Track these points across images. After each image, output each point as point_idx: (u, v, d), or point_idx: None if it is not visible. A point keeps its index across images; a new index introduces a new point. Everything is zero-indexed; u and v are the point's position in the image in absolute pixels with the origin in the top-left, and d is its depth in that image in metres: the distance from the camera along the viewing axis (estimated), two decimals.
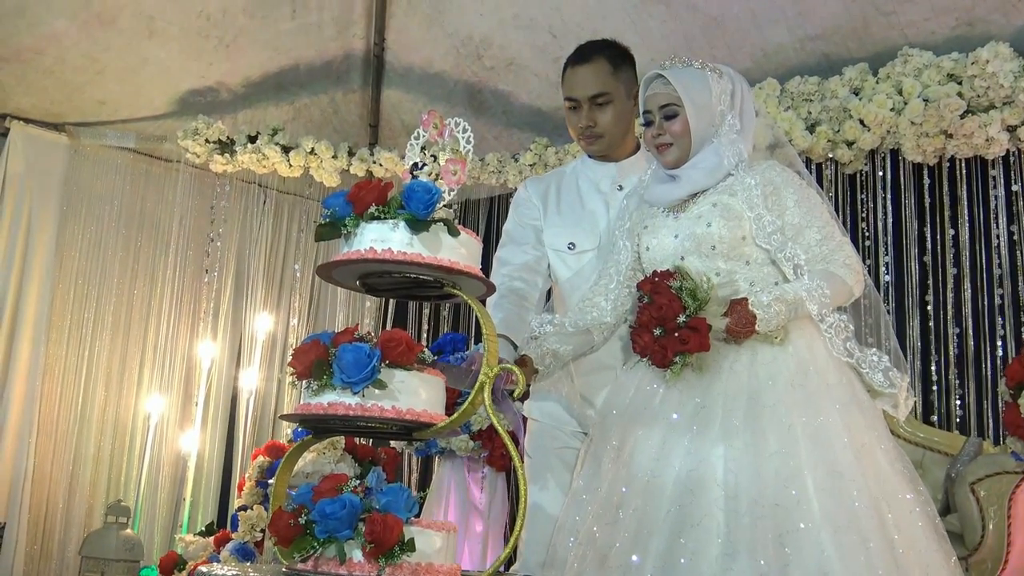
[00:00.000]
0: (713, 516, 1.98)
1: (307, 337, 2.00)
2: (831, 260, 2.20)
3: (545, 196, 2.74)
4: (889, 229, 4.18)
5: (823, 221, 2.24)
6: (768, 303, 2.11)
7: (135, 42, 5.02)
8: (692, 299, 2.09)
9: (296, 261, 6.23)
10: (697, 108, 2.27)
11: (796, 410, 2.05)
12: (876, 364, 2.19)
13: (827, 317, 2.15)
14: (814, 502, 1.94)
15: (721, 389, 2.13)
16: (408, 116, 5.81)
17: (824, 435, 2.02)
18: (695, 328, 2.06)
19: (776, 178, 2.24)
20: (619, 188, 2.66)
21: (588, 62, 2.65)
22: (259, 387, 5.86)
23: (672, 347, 2.07)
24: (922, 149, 3.98)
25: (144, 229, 5.67)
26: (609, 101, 2.62)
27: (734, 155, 2.27)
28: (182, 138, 5.40)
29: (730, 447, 2.03)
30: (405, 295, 2.28)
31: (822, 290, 2.15)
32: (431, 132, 2.14)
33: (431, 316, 6.10)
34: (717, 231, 2.21)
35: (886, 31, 4.14)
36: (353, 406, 1.87)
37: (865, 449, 2.03)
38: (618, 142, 2.69)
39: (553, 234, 2.68)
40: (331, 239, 2.03)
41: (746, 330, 2.11)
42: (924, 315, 4.06)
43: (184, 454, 5.57)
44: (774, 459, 1.99)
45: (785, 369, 2.13)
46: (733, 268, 2.23)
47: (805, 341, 2.17)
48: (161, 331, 5.62)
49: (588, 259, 2.63)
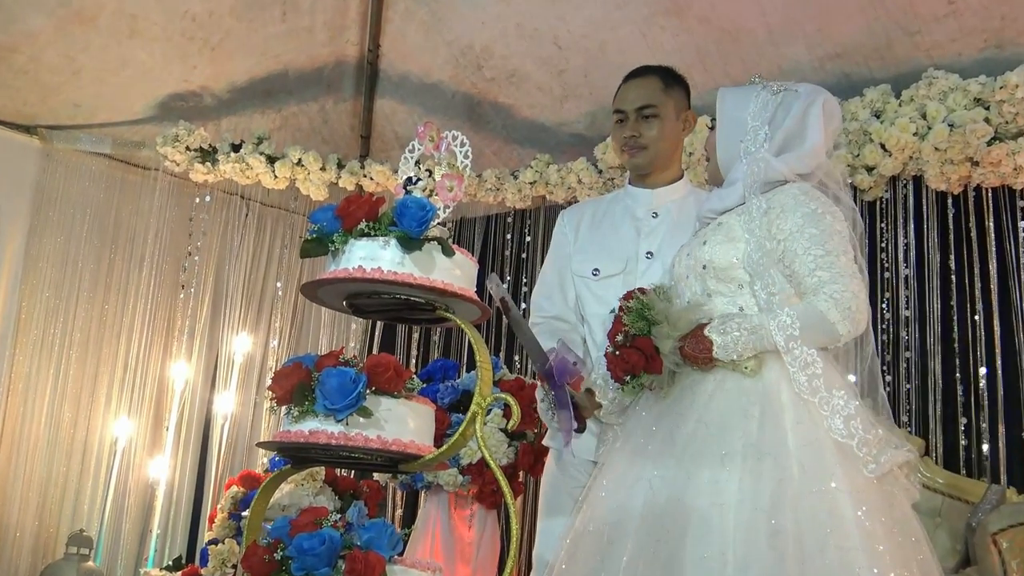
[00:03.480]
0: (623, 543, 2.01)
1: (288, 360, 2.01)
2: (818, 292, 2.16)
3: (579, 224, 2.89)
4: (911, 261, 4.18)
5: (823, 250, 2.18)
6: (726, 329, 2.14)
7: (115, 42, 5.04)
8: (637, 319, 2.17)
9: (278, 279, 6.23)
10: (726, 122, 2.38)
11: (742, 441, 2.05)
12: (839, 408, 2.08)
13: (794, 349, 2.12)
14: (728, 539, 1.94)
15: (676, 411, 2.18)
16: (402, 128, 5.83)
17: (766, 470, 2.01)
18: (639, 348, 2.16)
19: (788, 201, 2.24)
20: (654, 215, 2.77)
21: (640, 76, 2.81)
22: (235, 412, 5.83)
23: (619, 365, 2.19)
24: (946, 177, 4.00)
25: (118, 240, 5.66)
26: (656, 115, 2.74)
27: (751, 173, 2.29)
28: (161, 145, 5.40)
29: (661, 470, 2.07)
30: (394, 317, 2.29)
31: (791, 321, 2.13)
32: (427, 145, 2.16)
33: (421, 341, 6.08)
34: (709, 251, 2.28)
35: (910, 51, 4.16)
36: (336, 435, 1.88)
37: (821, 494, 1.98)
38: (661, 161, 2.78)
39: (579, 260, 2.80)
40: (317, 256, 2.04)
41: (702, 356, 2.15)
42: (948, 353, 4.04)
43: (152, 482, 5.54)
44: (697, 485, 2.01)
45: (745, 398, 2.13)
46: (722, 290, 2.27)
47: (777, 374, 2.16)
48: (132, 349, 5.60)
49: (613, 284, 2.70)
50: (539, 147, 5.43)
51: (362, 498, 4.34)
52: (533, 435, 4.01)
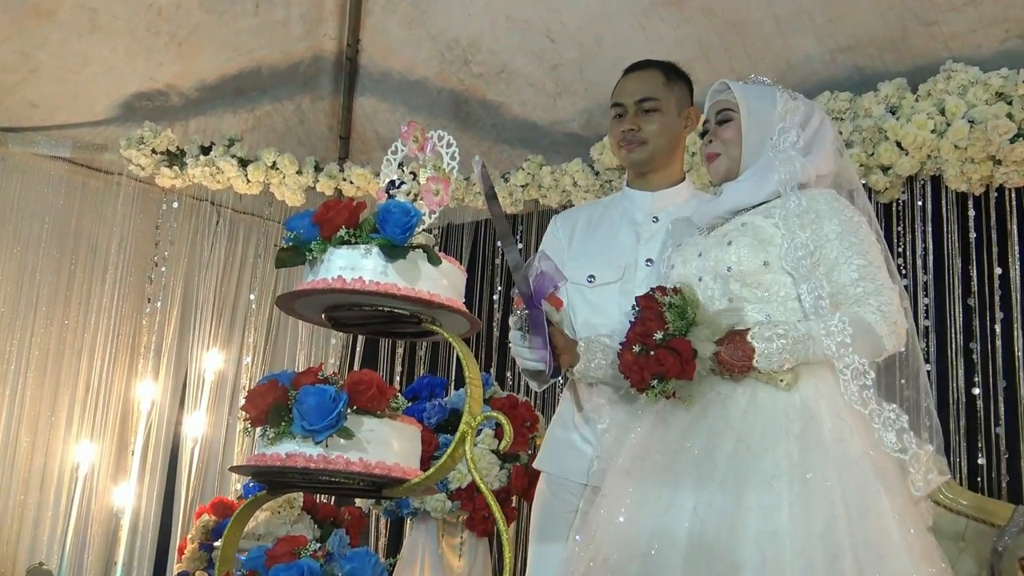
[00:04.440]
0: (671, 574, 1.99)
1: (263, 377, 2.00)
2: (863, 303, 2.20)
3: (573, 228, 2.89)
4: (929, 267, 4.18)
5: (866, 260, 2.24)
6: (771, 336, 2.12)
7: (75, 37, 5.04)
8: (678, 318, 2.13)
9: (252, 290, 6.21)
10: (752, 114, 2.37)
11: (787, 463, 2.05)
12: (891, 422, 2.16)
13: (845, 357, 2.14)
14: (786, 568, 1.94)
15: (706, 427, 2.15)
16: (384, 128, 5.83)
17: (814, 494, 2.01)
18: (676, 350, 2.10)
19: (823, 207, 2.27)
20: (654, 220, 2.77)
21: (641, 69, 2.83)
22: (206, 434, 5.81)
23: (649, 368, 2.11)
24: (967, 176, 4.01)
25: (79, 251, 5.65)
26: (656, 109, 2.76)
27: (787, 172, 2.31)
28: (125, 147, 5.39)
29: (702, 496, 2.05)
30: (377, 331, 2.29)
31: (843, 327, 2.14)
32: (411, 146, 2.15)
33: (406, 356, 6.08)
34: (736, 252, 2.26)
35: (927, 43, 4.18)
36: (315, 457, 1.87)
37: (869, 516, 2.01)
38: (660, 158, 2.79)
39: (574, 267, 2.77)
40: (294, 266, 2.04)
41: (741, 364, 2.13)
42: (968, 365, 4.04)
43: (117, 510, 5.51)
44: (749, 514, 1.99)
45: (783, 416, 2.13)
46: (748, 296, 2.26)
47: (814, 389, 2.17)
48: (95, 368, 5.57)
49: (609, 292, 2.71)
50: (531, 148, 5.44)
51: (343, 526, 4.34)
52: (527, 457, 4.00)
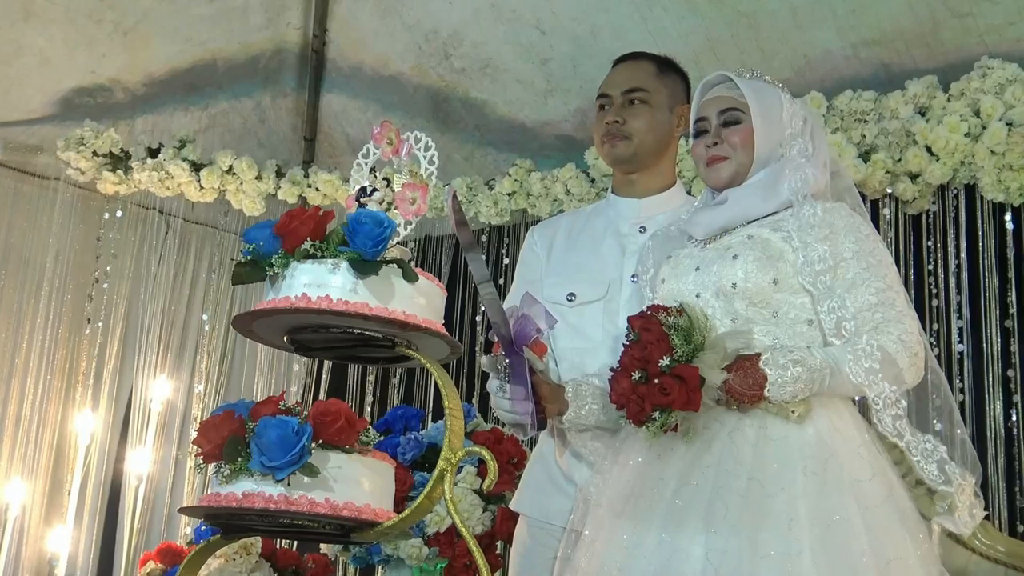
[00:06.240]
0: None
1: (217, 408, 2.00)
2: (883, 332, 2.19)
3: (552, 241, 2.89)
4: (963, 285, 4.20)
5: (885, 284, 2.24)
6: (785, 364, 2.12)
7: (6, 24, 5.03)
8: (685, 342, 2.10)
9: (205, 310, 6.21)
10: (765, 120, 2.37)
11: (805, 504, 2.05)
12: (930, 453, 2.16)
13: (875, 384, 2.14)
14: None
15: (713, 463, 2.14)
16: (354, 128, 5.84)
17: (837, 539, 2.02)
18: (681, 377, 2.07)
19: (838, 222, 2.28)
20: (641, 230, 2.76)
21: (632, 60, 2.86)
22: (152, 472, 5.78)
23: (651, 398, 2.08)
24: (1004, 185, 4.02)
25: (9, 264, 5.64)
26: (645, 101, 2.77)
27: (798, 180, 2.32)
28: (63, 149, 5.39)
29: (714, 540, 2.04)
30: (346, 356, 2.29)
31: (872, 351, 2.15)
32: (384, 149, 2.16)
33: (378, 384, 6.07)
34: (743, 267, 2.25)
35: (960, 37, 4.20)
36: (275, 498, 1.87)
37: (895, 564, 2.02)
38: (646, 156, 2.79)
39: (551, 284, 2.78)
40: (252, 282, 2.04)
41: (752, 393, 2.12)
42: (1007, 393, 4.06)
43: (51, 557, 5.48)
44: (767, 562, 1.99)
45: (799, 452, 2.13)
46: (754, 317, 2.25)
47: (829, 421, 2.18)
48: (27, 397, 5.56)
49: (589, 312, 2.71)
50: (519, 151, 5.44)
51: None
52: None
